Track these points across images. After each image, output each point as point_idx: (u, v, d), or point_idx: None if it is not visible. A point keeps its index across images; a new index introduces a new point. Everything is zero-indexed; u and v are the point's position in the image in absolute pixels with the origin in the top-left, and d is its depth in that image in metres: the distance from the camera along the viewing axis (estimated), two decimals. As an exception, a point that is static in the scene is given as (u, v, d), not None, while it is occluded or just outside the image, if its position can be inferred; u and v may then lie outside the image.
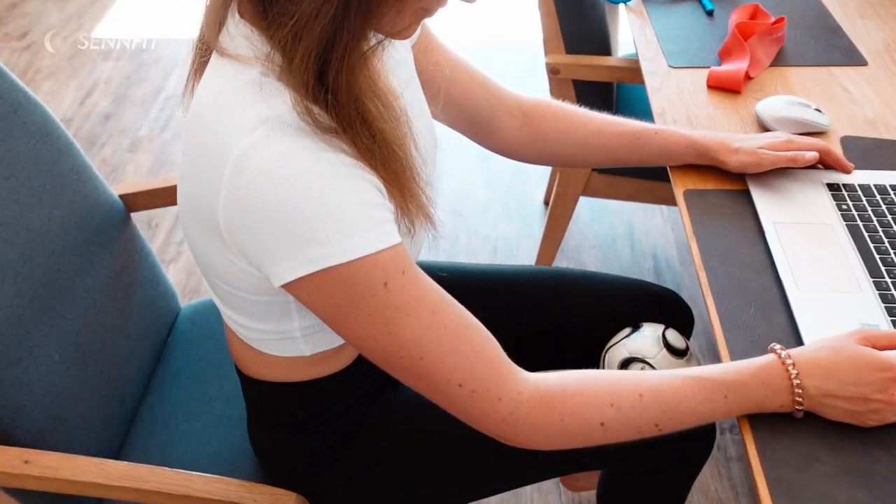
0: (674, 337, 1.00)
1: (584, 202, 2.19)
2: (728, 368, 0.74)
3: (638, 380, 0.73)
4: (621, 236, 2.09)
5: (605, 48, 1.50)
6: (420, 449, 0.93)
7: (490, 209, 2.20)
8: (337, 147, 0.64)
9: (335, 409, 0.91)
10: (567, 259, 2.02)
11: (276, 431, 0.92)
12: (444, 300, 0.69)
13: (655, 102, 1.17)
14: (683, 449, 0.97)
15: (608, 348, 1.03)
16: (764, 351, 0.78)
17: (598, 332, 1.06)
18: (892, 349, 0.74)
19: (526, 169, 2.32)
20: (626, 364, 1.00)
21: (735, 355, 0.81)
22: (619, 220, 2.14)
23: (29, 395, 0.90)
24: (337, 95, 0.63)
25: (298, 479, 0.94)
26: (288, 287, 0.65)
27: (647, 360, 0.99)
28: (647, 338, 1.00)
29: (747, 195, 1.00)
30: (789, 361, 0.73)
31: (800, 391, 0.72)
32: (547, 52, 1.47)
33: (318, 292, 0.64)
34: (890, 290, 0.86)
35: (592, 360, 1.09)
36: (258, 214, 0.62)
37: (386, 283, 0.64)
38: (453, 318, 0.69)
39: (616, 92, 1.68)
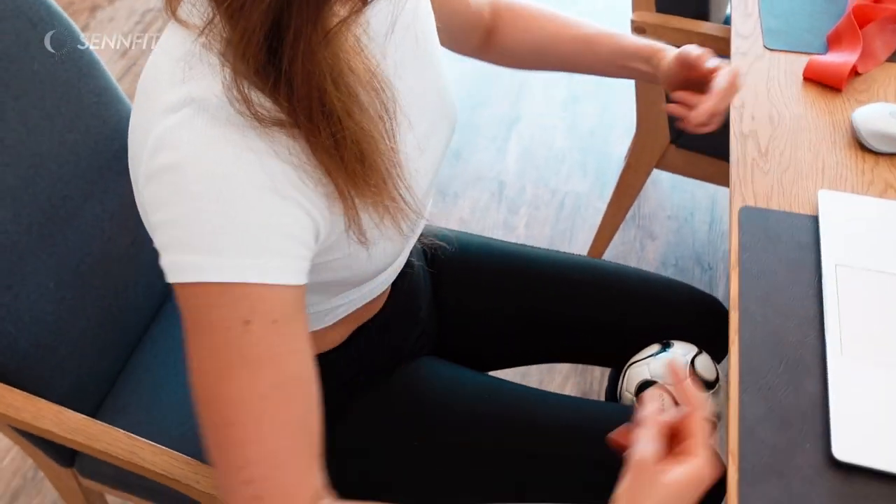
0: (703, 366, 0.89)
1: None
2: None
3: None
4: (701, 210, 1.92)
5: (702, 11, 1.32)
6: (399, 448, 0.87)
7: (565, 160, 2.06)
8: (274, 150, 0.54)
9: (322, 390, 0.86)
10: (637, 227, 1.89)
11: None
12: (301, 379, 0.58)
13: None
14: None
15: (631, 364, 0.94)
16: (779, 424, 0.67)
17: (630, 336, 0.96)
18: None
19: (612, 119, 2.16)
20: (644, 386, 0.91)
21: (745, 422, 0.70)
22: (702, 192, 1.97)
23: (16, 323, 0.89)
24: (292, 82, 0.52)
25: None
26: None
27: (668, 386, 0.89)
28: (675, 361, 0.90)
29: (816, 223, 0.86)
30: None
31: None
32: (634, 8, 1.31)
33: (181, 300, 0.56)
34: (955, 374, 0.72)
35: (614, 362, 1.00)
36: (161, 203, 0.54)
37: (248, 322, 0.54)
38: (296, 405, 0.57)
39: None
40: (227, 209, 0.53)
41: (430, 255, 1.01)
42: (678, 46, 1.30)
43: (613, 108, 2.20)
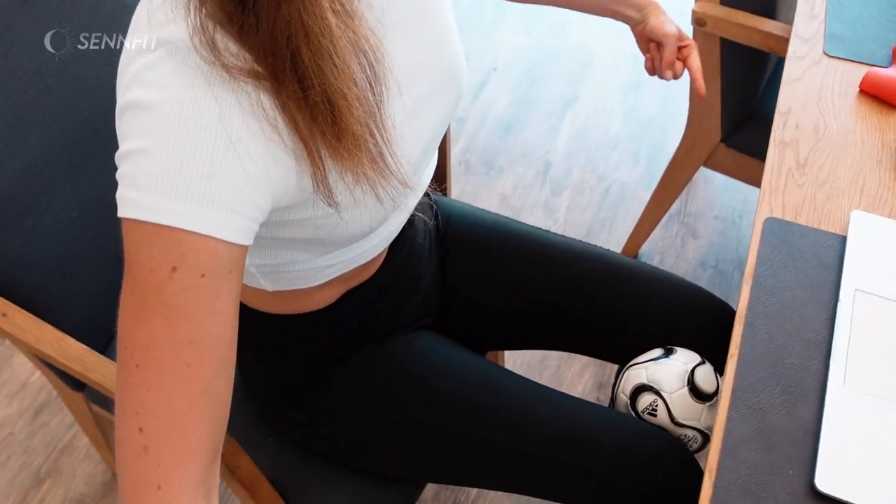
0: (703, 377, 0.87)
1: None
2: None
3: None
4: (750, 214, 1.86)
5: (770, 8, 1.26)
6: (386, 414, 0.88)
7: (617, 147, 2.02)
8: (239, 102, 0.53)
9: (311, 348, 0.87)
10: (680, 224, 1.84)
11: (255, 351, 0.89)
12: (217, 342, 0.56)
13: (784, 96, 0.97)
14: (654, 495, 0.85)
15: (631, 365, 0.92)
16: (765, 446, 0.65)
17: (635, 336, 0.94)
18: None
19: (672, 111, 2.10)
20: (639, 390, 0.89)
21: (729, 440, 0.68)
22: (754, 196, 1.90)
23: (36, 247, 0.91)
24: (261, 32, 0.51)
25: (274, 405, 0.92)
26: None
27: (662, 394, 0.87)
28: (673, 369, 0.88)
29: (843, 244, 0.82)
30: None
31: None
32: (698, -2, 1.26)
33: (124, 235, 0.55)
34: (962, 419, 0.68)
35: (617, 359, 0.98)
36: (123, 137, 0.54)
37: (175, 269, 0.53)
38: (206, 367, 0.55)
39: (776, 68, 1.44)
40: (178, 154, 0.52)
41: (442, 228, 1.00)
42: (739, 43, 1.26)
43: (675, 99, 2.13)
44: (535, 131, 2.06)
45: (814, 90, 0.98)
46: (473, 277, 0.99)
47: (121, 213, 0.54)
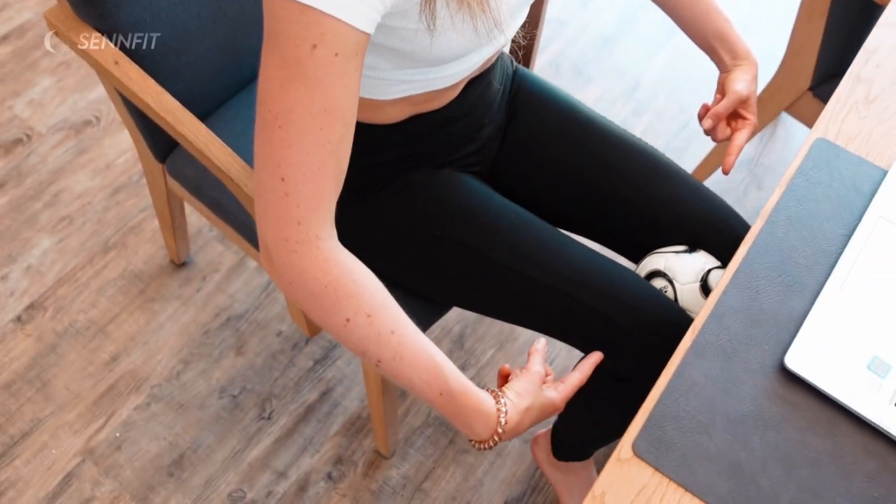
0: (717, 278, 0.93)
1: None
2: (462, 380, 0.75)
3: (404, 323, 0.73)
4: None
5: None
6: (428, 231, 0.96)
7: (708, 85, 2.01)
8: None
9: (373, 158, 0.95)
10: (749, 172, 1.85)
11: None
12: (345, 112, 0.67)
13: (875, 35, 0.99)
14: (647, 352, 0.93)
15: (653, 252, 0.98)
16: (749, 321, 0.71)
17: (659, 237, 1.00)
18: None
19: (775, 60, 2.07)
20: (654, 274, 0.96)
21: (720, 308, 0.74)
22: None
23: (153, 17, 1.01)
24: None
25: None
26: None
27: (674, 281, 0.94)
28: (691, 264, 0.94)
29: (883, 177, 0.85)
30: (502, 420, 0.75)
31: (496, 439, 0.76)
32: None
33: (267, 10, 0.65)
34: (939, 345, 0.73)
35: (635, 255, 1.04)
36: None
37: (315, 46, 0.63)
38: (335, 131, 0.67)
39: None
40: None
41: (514, 91, 1.06)
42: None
43: (779, 50, 2.10)
44: (632, 50, 2.06)
45: (907, 38, 0.99)
46: (531, 145, 1.05)
47: None
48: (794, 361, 0.71)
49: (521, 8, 0.83)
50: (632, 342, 0.90)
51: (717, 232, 0.99)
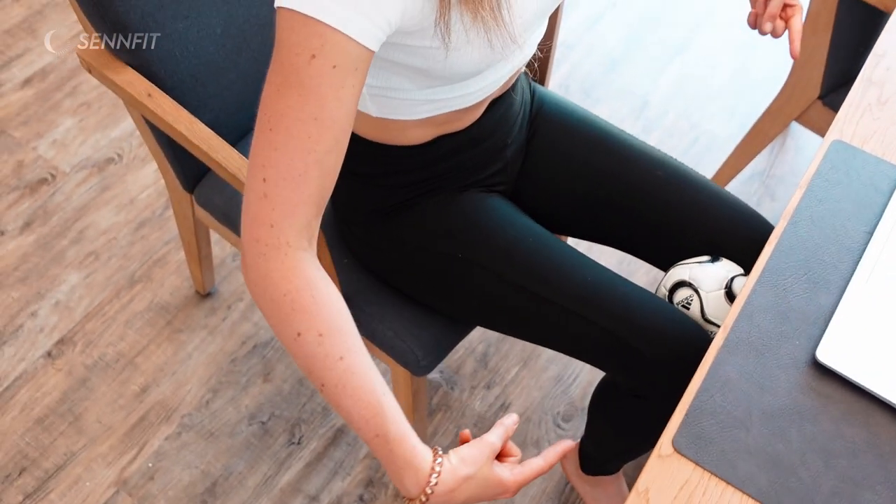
0: (741, 285, 0.95)
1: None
2: (403, 427, 0.70)
3: (357, 352, 0.70)
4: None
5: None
6: (450, 252, 0.98)
7: (717, 100, 2.05)
8: None
9: (398, 179, 0.98)
10: (761, 184, 1.87)
11: (350, 173, 1.00)
12: (336, 124, 0.68)
13: (884, 39, 1.01)
14: (665, 374, 0.94)
15: (678, 264, 1.00)
16: (779, 318, 0.73)
17: (683, 244, 1.02)
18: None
19: (780, 77, 2.10)
20: (679, 285, 0.97)
21: (749, 307, 0.76)
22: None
23: (182, 49, 1.04)
24: None
25: (354, 224, 1.03)
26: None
27: (699, 290, 0.95)
28: (716, 273, 0.96)
29: (901, 176, 0.87)
30: (433, 480, 0.70)
31: (423, 500, 0.70)
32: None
33: (277, 22, 0.67)
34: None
35: (661, 262, 1.06)
36: None
37: (314, 56, 0.65)
38: (323, 141, 0.68)
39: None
40: None
41: (535, 110, 1.09)
42: (856, 1, 1.28)
43: (785, 67, 2.13)
44: (639, 71, 2.10)
45: (913, 41, 1.02)
46: (553, 161, 1.08)
47: (278, 3, 0.66)
48: (825, 355, 0.72)
49: (538, 21, 0.85)
50: (647, 363, 0.92)
51: (742, 234, 1.01)
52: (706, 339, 0.92)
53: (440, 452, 0.71)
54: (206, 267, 1.50)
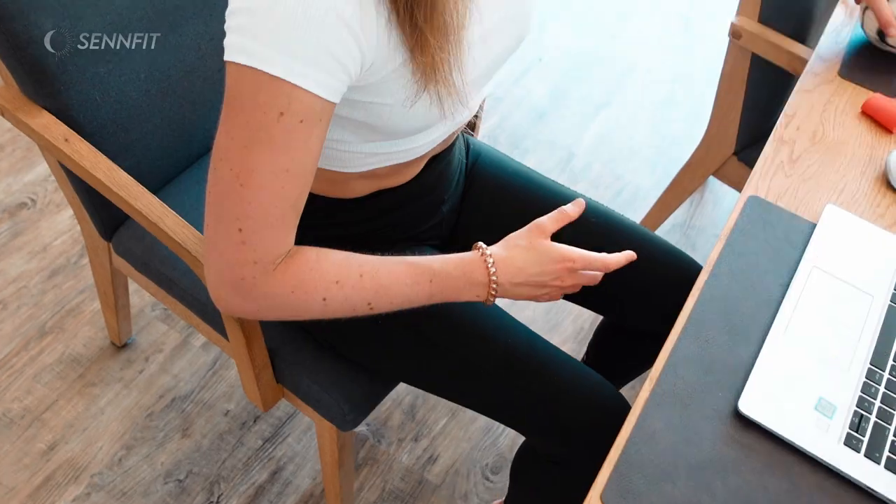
0: None
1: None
2: (438, 259, 0.80)
3: (362, 261, 0.77)
4: (749, 240, 1.95)
5: (802, 33, 1.36)
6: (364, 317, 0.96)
7: (639, 154, 2.11)
8: None
9: (330, 231, 0.96)
10: (682, 234, 1.93)
11: None
12: (305, 171, 0.70)
13: (793, 101, 1.06)
14: (581, 442, 0.94)
15: None
16: (703, 370, 0.74)
17: (623, 290, 1.03)
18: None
19: (698, 133, 2.19)
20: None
21: (673, 359, 0.77)
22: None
23: (103, 94, 1.01)
24: None
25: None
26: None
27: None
28: None
29: (812, 230, 0.91)
30: (490, 260, 0.81)
31: (495, 285, 0.81)
32: (739, 12, 1.35)
33: (232, 77, 0.66)
34: (878, 385, 0.77)
35: (603, 308, 1.06)
36: None
37: (283, 114, 0.66)
38: (295, 189, 0.70)
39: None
40: (298, 19, 0.63)
41: (470, 164, 1.09)
42: (768, 63, 1.35)
43: (702, 124, 2.23)
44: (564, 124, 2.15)
45: (820, 102, 1.08)
46: (487, 213, 1.08)
47: (237, 59, 0.65)
48: (746, 406, 0.74)
49: (484, 81, 0.87)
50: (565, 430, 0.91)
51: (673, 275, 1.02)
52: (625, 408, 0.93)
53: (482, 246, 0.82)
54: (123, 317, 1.44)
